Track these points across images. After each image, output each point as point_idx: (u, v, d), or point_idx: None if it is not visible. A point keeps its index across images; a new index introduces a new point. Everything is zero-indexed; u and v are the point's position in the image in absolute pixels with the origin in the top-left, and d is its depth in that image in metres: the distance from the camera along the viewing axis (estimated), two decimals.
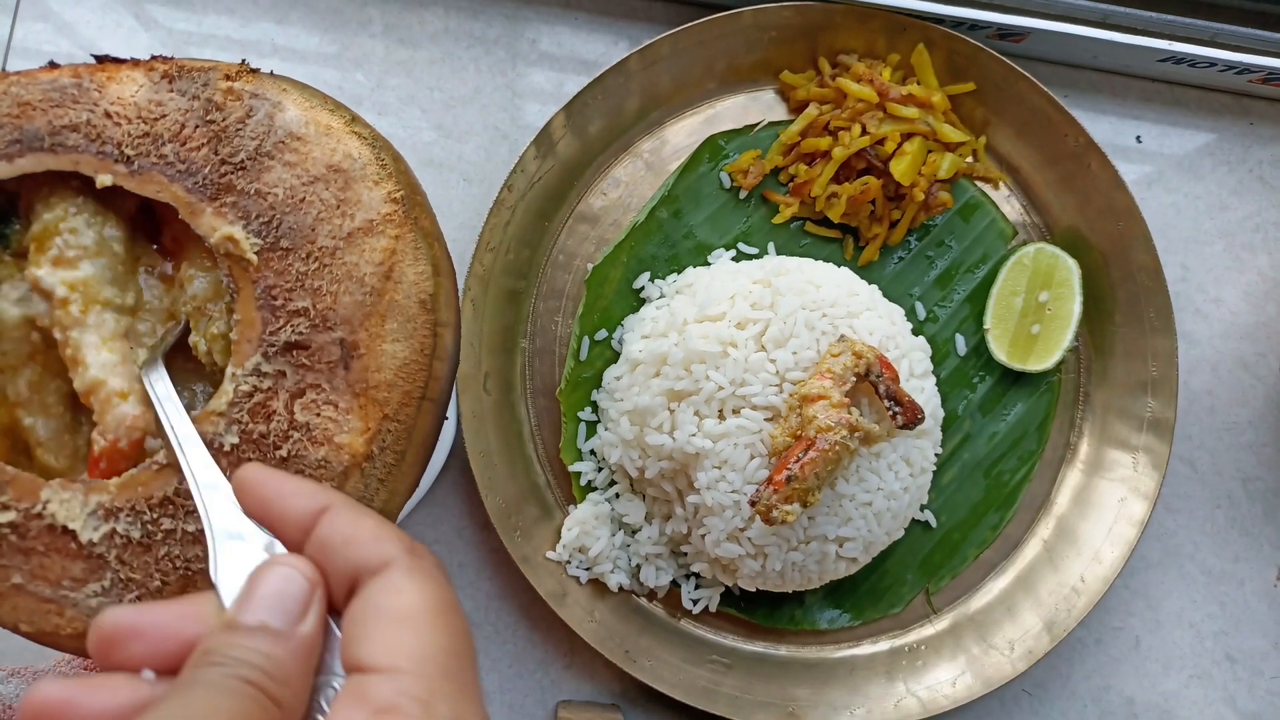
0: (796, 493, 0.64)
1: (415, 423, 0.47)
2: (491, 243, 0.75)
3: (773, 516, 0.64)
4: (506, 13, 0.82)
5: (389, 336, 0.46)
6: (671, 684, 0.72)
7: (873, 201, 0.78)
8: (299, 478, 0.41)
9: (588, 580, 0.74)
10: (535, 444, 0.77)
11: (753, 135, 0.80)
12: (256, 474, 0.40)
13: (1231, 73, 0.80)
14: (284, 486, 0.39)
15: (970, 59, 0.78)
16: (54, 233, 0.47)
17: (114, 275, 0.48)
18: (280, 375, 0.45)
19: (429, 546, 0.77)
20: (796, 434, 0.65)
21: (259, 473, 0.40)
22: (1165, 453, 0.75)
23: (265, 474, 0.40)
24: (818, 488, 0.64)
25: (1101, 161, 0.76)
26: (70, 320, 0.46)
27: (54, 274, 0.46)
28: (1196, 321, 0.82)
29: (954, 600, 0.77)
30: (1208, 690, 0.79)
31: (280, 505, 0.38)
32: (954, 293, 0.80)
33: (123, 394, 0.46)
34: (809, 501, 0.64)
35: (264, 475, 0.40)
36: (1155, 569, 0.80)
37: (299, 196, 0.47)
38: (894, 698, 0.74)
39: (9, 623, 0.46)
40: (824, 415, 0.64)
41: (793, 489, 0.63)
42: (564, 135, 0.76)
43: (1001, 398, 0.79)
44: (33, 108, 0.47)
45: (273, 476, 0.40)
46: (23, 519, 0.45)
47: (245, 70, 0.48)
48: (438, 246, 0.49)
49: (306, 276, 0.46)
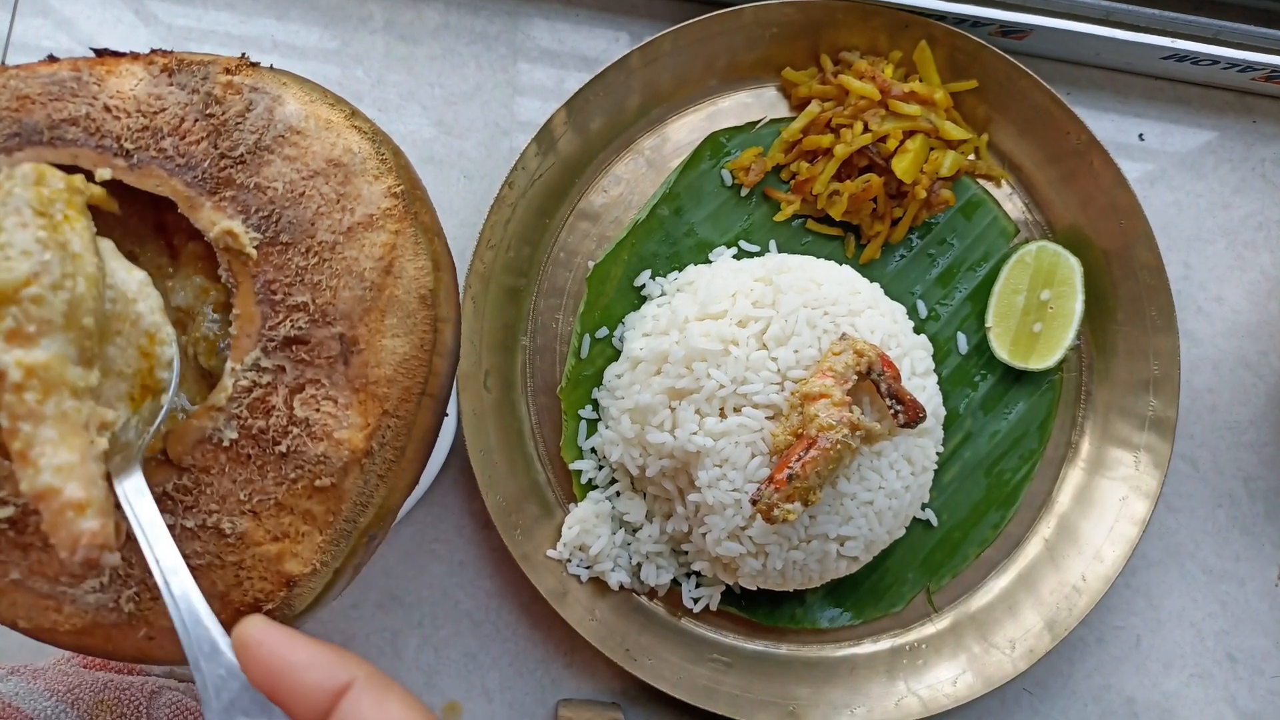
0: (798, 491, 0.63)
1: (415, 419, 0.47)
2: (492, 240, 0.74)
3: (774, 515, 0.63)
4: (507, 9, 0.82)
5: (389, 332, 0.46)
6: (672, 683, 0.72)
7: (874, 199, 0.77)
8: (312, 641, 0.35)
9: (588, 579, 0.74)
10: (536, 442, 0.76)
11: (754, 132, 0.80)
12: (262, 635, 0.34)
13: (1234, 70, 0.80)
14: (296, 655, 0.34)
15: (972, 56, 0.78)
16: (12, 296, 0.38)
17: (81, 350, 0.40)
18: (280, 370, 0.45)
19: (429, 545, 0.77)
20: (798, 432, 0.65)
21: (265, 633, 0.34)
22: (1167, 451, 0.75)
23: (273, 636, 0.34)
24: (819, 486, 0.64)
25: (1104, 159, 0.76)
26: (24, 410, 0.38)
27: (7, 351, 0.38)
28: (1198, 320, 0.82)
29: (955, 599, 0.77)
30: (1208, 689, 0.79)
31: (293, 680, 0.34)
32: (955, 291, 0.80)
33: (80, 506, 0.38)
34: (810, 500, 0.64)
35: (272, 638, 0.34)
36: (1156, 568, 0.80)
37: (299, 191, 0.46)
38: (895, 696, 0.74)
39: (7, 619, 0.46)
40: (825, 414, 0.64)
41: (794, 488, 0.63)
42: (565, 132, 0.76)
43: (1003, 396, 0.79)
44: (32, 101, 0.47)
45: (282, 640, 0.34)
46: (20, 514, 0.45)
47: (245, 64, 0.48)
48: (438, 242, 0.49)
49: (306, 271, 0.46)
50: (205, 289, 0.50)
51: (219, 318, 0.50)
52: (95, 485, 0.38)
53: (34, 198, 0.40)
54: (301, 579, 0.45)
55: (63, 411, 0.38)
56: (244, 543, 0.45)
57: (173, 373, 0.45)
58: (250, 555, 0.45)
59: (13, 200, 0.40)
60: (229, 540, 0.45)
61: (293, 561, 0.45)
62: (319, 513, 0.45)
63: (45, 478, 0.38)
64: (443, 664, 0.76)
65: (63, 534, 0.38)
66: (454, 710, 0.75)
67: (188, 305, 0.50)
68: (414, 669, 0.75)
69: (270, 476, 0.45)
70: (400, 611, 0.76)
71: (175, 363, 0.44)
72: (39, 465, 0.38)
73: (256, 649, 0.34)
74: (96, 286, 0.41)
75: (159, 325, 0.44)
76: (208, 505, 0.45)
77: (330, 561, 0.46)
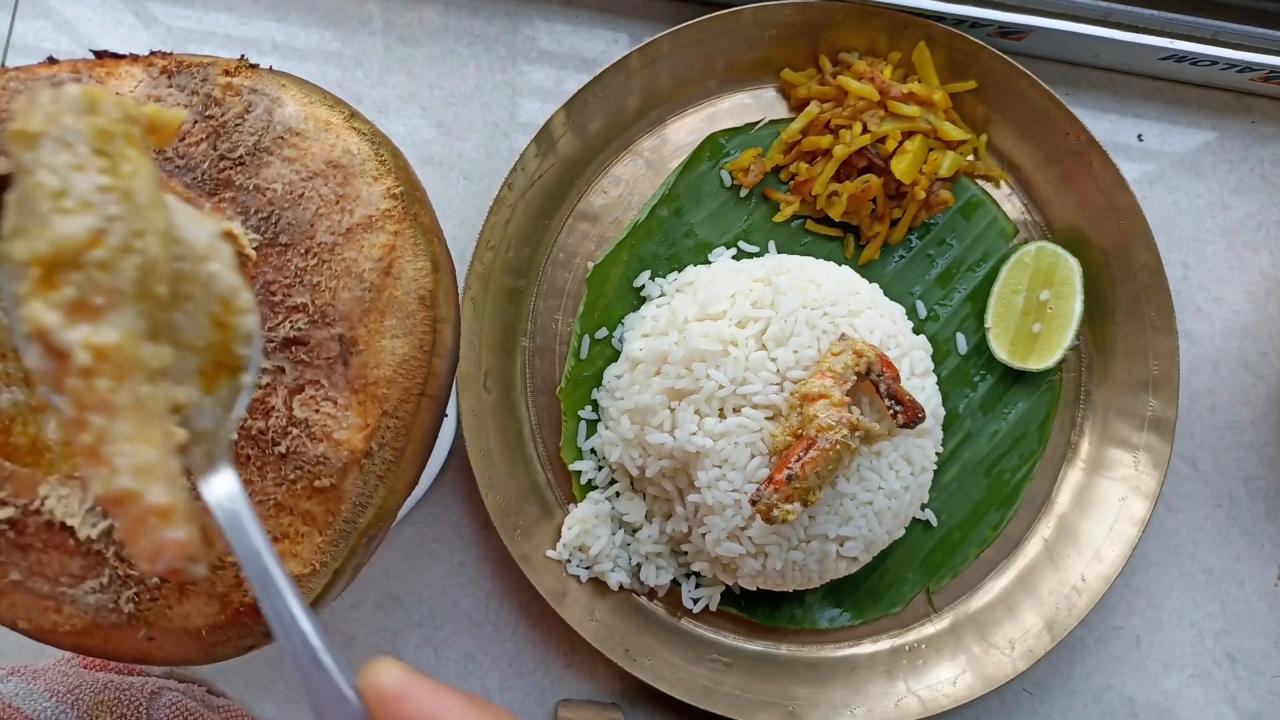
0: (797, 492, 0.63)
1: (414, 419, 0.47)
2: (491, 241, 0.74)
3: (773, 515, 0.64)
4: (507, 10, 0.82)
5: (388, 333, 0.46)
6: (672, 683, 0.72)
7: (874, 200, 0.77)
8: (465, 699, 0.30)
9: (588, 579, 0.74)
10: (535, 442, 0.76)
11: (753, 133, 0.80)
12: (403, 687, 0.29)
13: (1233, 71, 0.80)
14: (446, 710, 0.29)
15: (971, 57, 0.78)
16: (74, 259, 0.31)
17: (153, 322, 0.33)
18: (279, 371, 0.45)
19: (429, 545, 0.77)
20: (797, 433, 0.65)
21: (405, 684, 0.29)
22: (1166, 452, 0.75)
23: (416, 689, 0.29)
24: (818, 487, 0.64)
25: (1103, 160, 0.76)
26: (94, 400, 0.31)
27: (72, 329, 0.31)
28: (1198, 320, 0.82)
29: (954, 599, 0.77)
30: (1208, 689, 0.79)
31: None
32: (955, 291, 0.80)
33: (163, 512, 0.31)
34: (809, 500, 0.64)
35: (415, 690, 0.29)
36: (1156, 568, 0.80)
37: (298, 192, 0.46)
38: (894, 697, 0.74)
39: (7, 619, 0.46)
40: (825, 414, 0.64)
41: (793, 488, 0.63)
42: (564, 133, 0.76)
43: (1002, 396, 0.79)
44: None
45: (425, 693, 0.29)
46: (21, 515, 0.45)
47: (244, 66, 0.48)
48: (437, 243, 0.49)
49: (305, 272, 0.46)
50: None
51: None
52: (177, 485, 0.32)
53: (90, 130, 0.32)
54: (301, 579, 0.45)
55: (138, 399, 0.31)
56: None
57: (253, 348, 0.38)
58: None
59: (64, 132, 0.32)
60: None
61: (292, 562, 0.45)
62: (318, 513, 0.45)
63: (123, 480, 0.31)
64: (442, 664, 0.76)
65: (144, 544, 0.32)
66: None
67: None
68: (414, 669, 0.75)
69: (270, 477, 0.45)
70: (400, 612, 0.76)
71: (257, 336, 0.38)
72: (115, 465, 0.31)
73: (399, 705, 0.30)
74: (168, 245, 0.33)
75: (235, 290, 0.37)
76: None
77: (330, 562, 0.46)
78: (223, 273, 0.36)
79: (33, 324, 0.31)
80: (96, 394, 0.31)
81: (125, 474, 0.31)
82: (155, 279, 0.33)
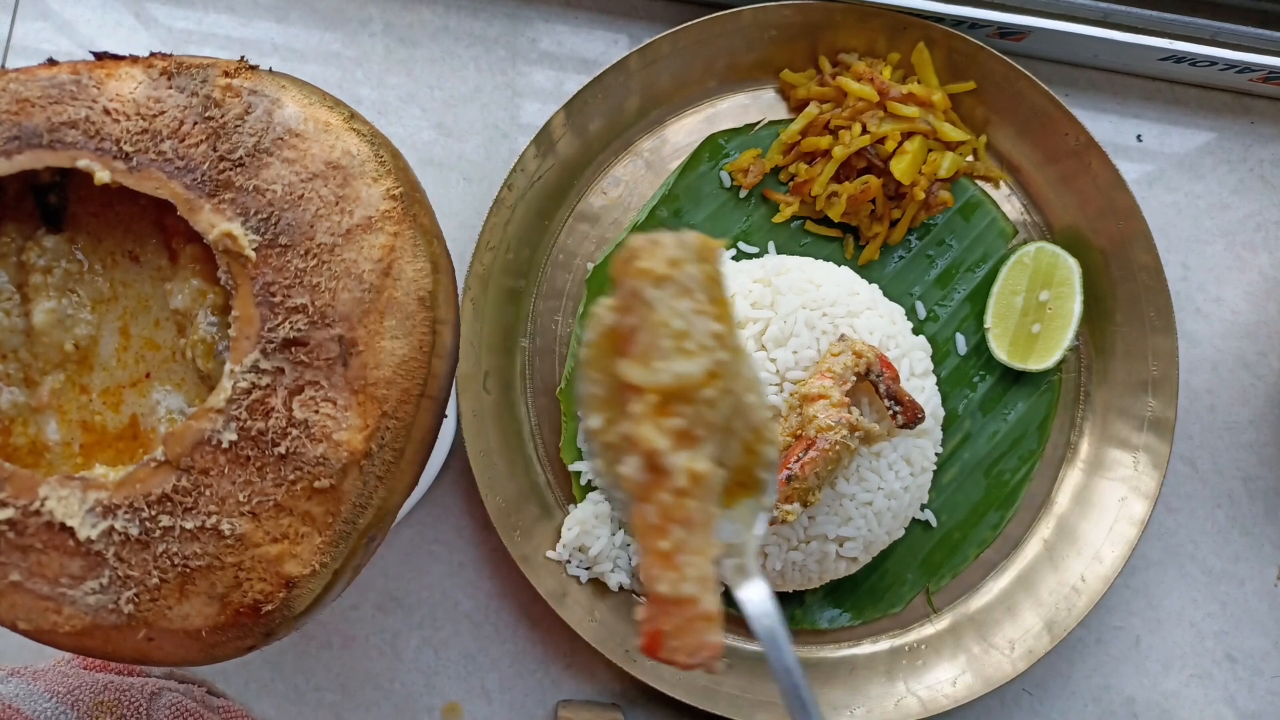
0: (797, 492, 0.63)
1: (414, 420, 0.47)
2: (491, 242, 0.75)
3: (773, 516, 0.64)
4: (506, 11, 0.82)
5: (388, 333, 0.46)
6: (671, 684, 0.72)
7: (873, 200, 0.77)
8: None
9: (588, 580, 0.74)
10: (535, 443, 0.77)
11: (753, 134, 0.80)
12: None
13: (1232, 71, 0.80)
14: None
15: (970, 58, 0.78)
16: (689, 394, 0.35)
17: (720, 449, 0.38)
18: (279, 372, 0.45)
19: (429, 546, 0.77)
20: (797, 433, 0.65)
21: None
22: (1166, 452, 0.75)
23: None
24: (818, 487, 0.64)
25: (1102, 160, 0.76)
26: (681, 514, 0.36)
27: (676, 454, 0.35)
28: (1197, 321, 0.82)
29: (954, 600, 0.77)
30: (1208, 690, 0.79)
31: None
32: (954, 292, 0.80)
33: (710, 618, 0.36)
34: (809, 501, 0.64)
35: None
36: (1156, 568, 0.80)
37: (297, 193, 0.46)
38: (894, 697, 0.74)
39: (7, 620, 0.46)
40: (824, 415, 0.64)
41: (793, 488, 0.63)
42: (564, 134, 0.76)
43: (1002, 397, 0.79)
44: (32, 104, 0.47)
45: None
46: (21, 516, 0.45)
47: (244, 67, 0.48)
48: (437, 244, 0.49)
49: (305, 273, 0.46)
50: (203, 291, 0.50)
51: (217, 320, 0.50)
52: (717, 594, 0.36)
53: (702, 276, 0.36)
54: (301, 580, 0.45)
55: (706, 515, 0.36)
56: (243, 544, 0.45)
57: (771, 475, 0.40)
58: (250, 556, 0.45)
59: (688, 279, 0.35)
60: (228, 542, 0.45)
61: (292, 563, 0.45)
62: (318, 514, 0.45)
63: (688, 587, 0.36)
64: (442, 665, 0.76)
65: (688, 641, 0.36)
66: (454, 711, 0.75)
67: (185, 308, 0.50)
68: (413, 670, 0.76)
69: (269, 478, 0.45)
70: (400, 612, 0.76)
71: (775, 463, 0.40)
72: (684, 572, 0.36)
73: None
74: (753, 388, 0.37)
75: (765, 422, 0.40)
76: (207, 507, 0.45)
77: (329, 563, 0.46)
78: (759, 406, 0.40)
79: (645, 444, 0.36)
80: (684, 510, 0.36)
81: (691, 582, 0.36)
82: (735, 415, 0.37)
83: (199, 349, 0.50)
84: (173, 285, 0.51)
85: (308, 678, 0.75)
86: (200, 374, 0.51)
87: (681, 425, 0.36)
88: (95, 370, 0.52)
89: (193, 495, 0.45)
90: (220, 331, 0.50)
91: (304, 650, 0.75)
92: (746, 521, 0.41)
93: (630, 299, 0.37)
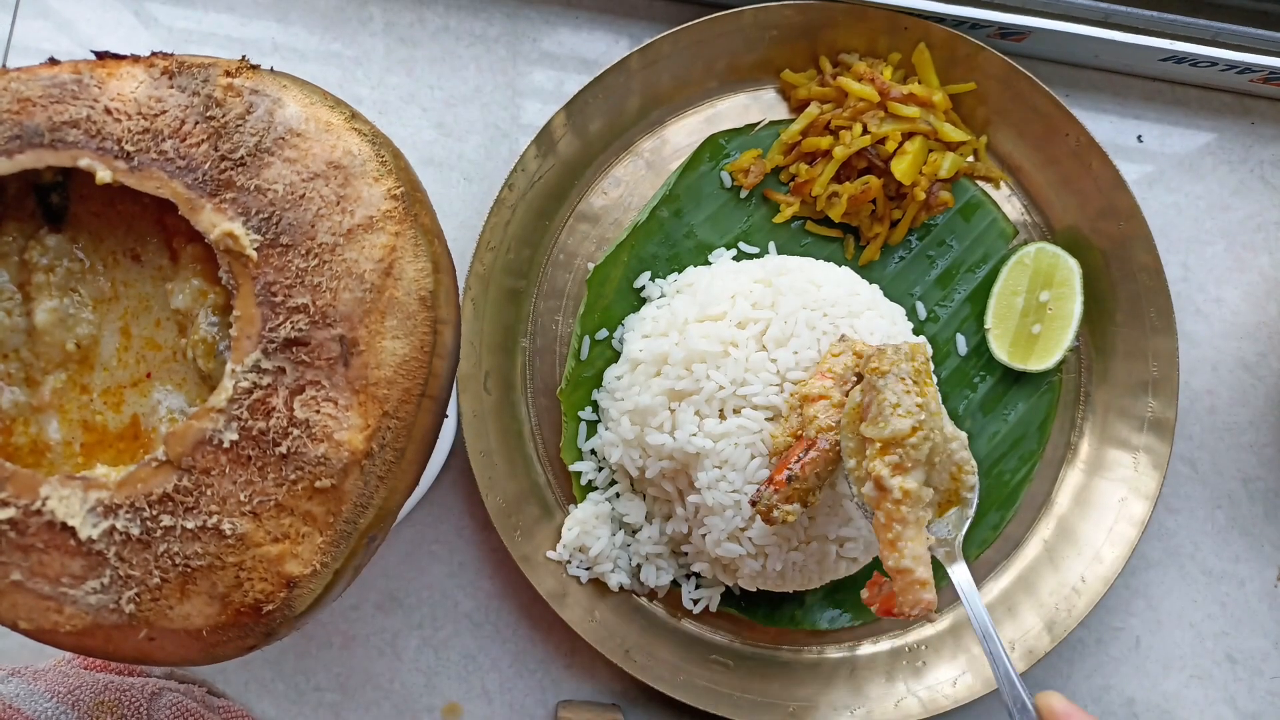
0: (797, 493, 0.63)
1: (415, 420, 0.47)
2: (492, 242, 0.75)
3: (773, 516, 0.64)
4: (507, 11, 0.82)
5: (389, 333, 0.46)
6: (672, 684, 0.72)
7: (874, 201, 0.77)
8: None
9: (588, 580, 0.74)
10: (536, 443, 0.77)
11: (754, 134, 0.80)
12: (1065, 708, 0.49)
13: (1233, 72, 0.80)
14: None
15: (971, 58, 0.78)
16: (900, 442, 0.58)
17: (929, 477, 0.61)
18: (280, 372, 0.45)
19: (429, 545, 0.77)
20: (797, 434, 0.65)
21: (1068, 709, 0.49)
22: (1166, 453, 0.75)
23: (1075, 714, 0.47)
24: (818, 488, 0.64)
25: (1102, 161, 0.76)
26: (899, 516, 0.58)
27: (893, 478, 0.58)
28: (1197, 321, 0.82)
29: (954, 600, 0.77)
30: (1208, 690, 0.79)
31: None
32: (955, 292, 0.80)
33: (923, 583, 0.57)
34: (809, 501, 0.64)
35: (1075, 715, 0.48)
36: (1156, 569, 0.80)
37: (299, 193, 0.46)
38: (894, 698, 0.74)
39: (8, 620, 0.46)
40: (825, 415, 0.64)
41: (793, 489, 0.63)
42: (565, 134, 0.76)
43: (1002, 397, 0.79)
44: (33, 104, 0.47)
45: (1081, 716, 0.50)
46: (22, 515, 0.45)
47: (245, 66, 0.48)
48: (437, 243, 0.49)
49: (306, 273, 0.46)
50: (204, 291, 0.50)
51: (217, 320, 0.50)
52: (929, 568, 0.58)
53: (912, 370, 0.60)
54: (302, 580, 0.45)
55: (917, 517, 0.58)
56: (244, 544, 0.45)
57: (974, 494, 0.62)
58: (251, 556, 0.45)
59: (900, 369, 0.60)
60: (229, 541, 0.45)
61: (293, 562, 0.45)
62: (319, 514, 0.45)
63: (906, 561, 0.57)
64: (442, 665, 0.76)
65: (909, 598, 0.57)
66: (454, 711, 0.75)
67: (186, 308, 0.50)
68: (414, 670, 0.76)
69: (270, 478, 0.45)
70: (400, 612, 0.76)
71: (977, 489, 0.62)
72: (904, 552, 0.57)
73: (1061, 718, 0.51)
74: (944, 439, 0.60)
75: (966, 460, 0.62)
76: (208, 506, 0.45)
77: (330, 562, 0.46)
78: (961, 452, 0.62)
79: (874, 474, 0.58)
80: (900, 514, 0.58)
81: (909, 559, 0.57)
82: (935, 453, 0.60)
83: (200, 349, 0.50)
84: (174, 285, 0.51)
85: (308, 678, 0.75)
86: (201, 374, 0.51)
87: (896, 460, 0.58)
88: (96, 370, 0.52)
89: (194, 495, 0.45)
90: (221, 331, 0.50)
91: (304, 650, 0.75)
92: (954, 524, 0.63)
93: (868, 387, 0.61)
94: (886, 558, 0.58)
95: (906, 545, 0.57)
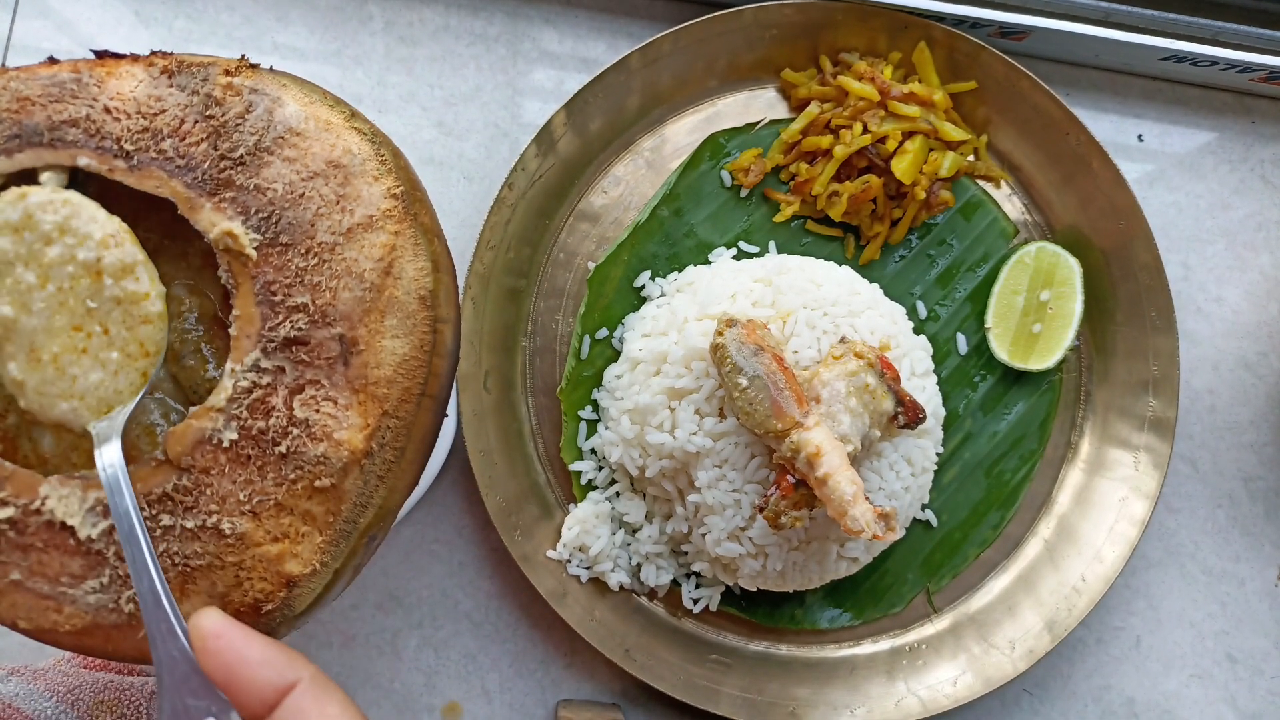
0: (805, 498, 0.63)
1: (415, 419, 0.47)
2: (492, 241, 0.74)
3: (782, 523, 0.64)
4: (507, 10, 0.82)
5: (388, 333, 0.46)
6: (672, 683, 0.72)
7: (874, 200, 0.77)
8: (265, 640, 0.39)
9: (588, 579, 0.74)
10: (536, 443, 0.76)
11: (754, 133, 0.80)
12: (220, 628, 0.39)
13: (1233, 71, 0.80)
14: (249, 652, 0.38)
15: (972, 57, 0.78)
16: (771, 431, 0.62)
17: None
18: (279, 371, 0.45)
19: (429, 545, 0.77)
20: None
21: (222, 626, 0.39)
22: (1166, 452, 0.75)
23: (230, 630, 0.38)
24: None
25: (1103, 160, 0.76)
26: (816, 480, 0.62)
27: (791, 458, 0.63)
28: (1198, 320, 0.82)
29: (955, 600, 0.77)
30: (1208, 690, 0.79)
31: (244, 674, 0.38)
32: (955, 291, 0.80)
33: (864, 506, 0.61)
34: (815, 505, 0.64)
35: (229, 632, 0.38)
36: (1156, 568, 0.80)
37: (298, 192, 0.46)
38: (895, 697, 0.74)
39: (7, 619, 0.46)
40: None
41: (801, 495, 0.63)
42: (565, 133, 0.76)
43: (1003, 397, 0.79)
44: (32, 103, 0.47)
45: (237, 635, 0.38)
46: (21, 515, 0.45)
47: (245, 66, 0.48)
48: (437, 243, 0.49)
49: (306, 272, 0.46)
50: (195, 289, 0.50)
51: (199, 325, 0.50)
52: (863, 497, 0.62)
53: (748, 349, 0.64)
54: (301, 579, 0.45)
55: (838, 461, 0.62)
56: (244, 543, 0.45)
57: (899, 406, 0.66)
58: (250, 556, 0.45)
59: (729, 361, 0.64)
60: (229, 541, 0.45)
61: (293, 562, 0.45)
62: (319, 513, 0.45)
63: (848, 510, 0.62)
64: (442, 664, 0.76)
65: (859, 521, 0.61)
66: (454, 711, 0.75)
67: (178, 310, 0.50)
68: (414, 669, 0.76)
69: (270, 477, 0.45)
70: (400, 612, 0.76)
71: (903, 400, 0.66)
72: (840, 498, 0.62)
73: (214, 641, 0.38)
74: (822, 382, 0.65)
75: (877, 385, 0.66)
76: (208, 506, 0.45)
77: (330, 562, 0.46)
78: (867, 378, 0.65)
79: (779, 459, 0.64)
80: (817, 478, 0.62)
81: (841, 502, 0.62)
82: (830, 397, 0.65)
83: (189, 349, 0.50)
84: None
85: None
86: (174, 377, 0.51)
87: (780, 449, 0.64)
88: None
89: (193, 494, 0.45)
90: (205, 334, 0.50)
91: (304, 650, 0.75)
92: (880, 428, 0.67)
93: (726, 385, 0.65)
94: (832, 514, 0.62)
95: (837, 487, 0.61)
